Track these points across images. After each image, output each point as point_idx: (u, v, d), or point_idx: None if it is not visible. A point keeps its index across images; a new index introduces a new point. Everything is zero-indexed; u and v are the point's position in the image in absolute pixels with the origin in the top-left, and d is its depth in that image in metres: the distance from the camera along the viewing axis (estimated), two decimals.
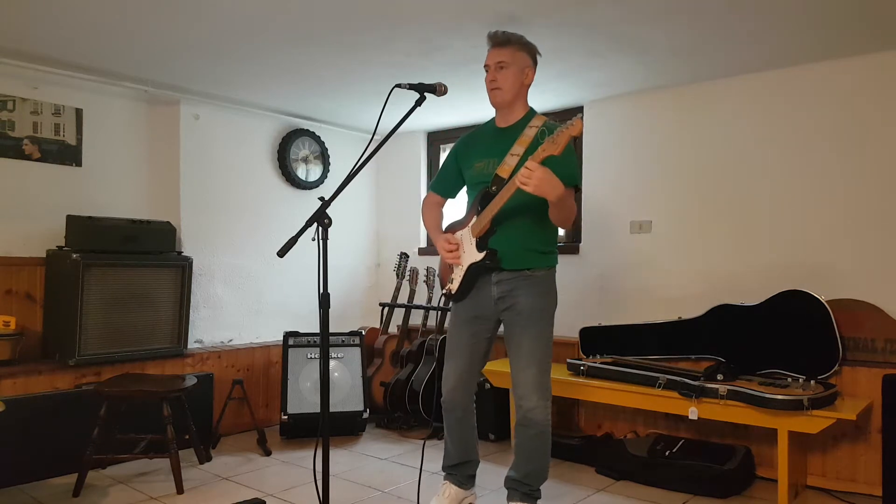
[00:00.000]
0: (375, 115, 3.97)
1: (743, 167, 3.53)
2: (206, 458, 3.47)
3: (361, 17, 2.77)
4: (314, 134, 4.69)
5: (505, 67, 2.51)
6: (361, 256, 5.14)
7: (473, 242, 2.56)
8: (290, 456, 3.60)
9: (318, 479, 2.16)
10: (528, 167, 2.22)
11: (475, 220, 2.54)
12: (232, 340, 4.25)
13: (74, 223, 3.48)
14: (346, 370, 4.05)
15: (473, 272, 2.57)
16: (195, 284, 3.95)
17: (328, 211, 2.11)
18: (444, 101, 3.70)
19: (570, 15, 2.74)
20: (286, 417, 3.84)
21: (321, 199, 2.14)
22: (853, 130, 3.22)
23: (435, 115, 4.45)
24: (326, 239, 2.11)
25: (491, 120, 2.70)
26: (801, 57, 3.24)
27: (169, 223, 3.77)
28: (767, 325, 3.24)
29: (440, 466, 2.83)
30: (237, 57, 3.30)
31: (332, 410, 3.45)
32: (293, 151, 4.57)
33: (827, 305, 3.09)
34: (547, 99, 3.97)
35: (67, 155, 3.68)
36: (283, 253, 2.06)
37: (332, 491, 2.33)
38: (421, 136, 5.02)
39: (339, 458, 3.56)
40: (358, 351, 4.11)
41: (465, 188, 2.77)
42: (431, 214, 2.83)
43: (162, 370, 3.66)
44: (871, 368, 3.02)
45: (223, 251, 4.22)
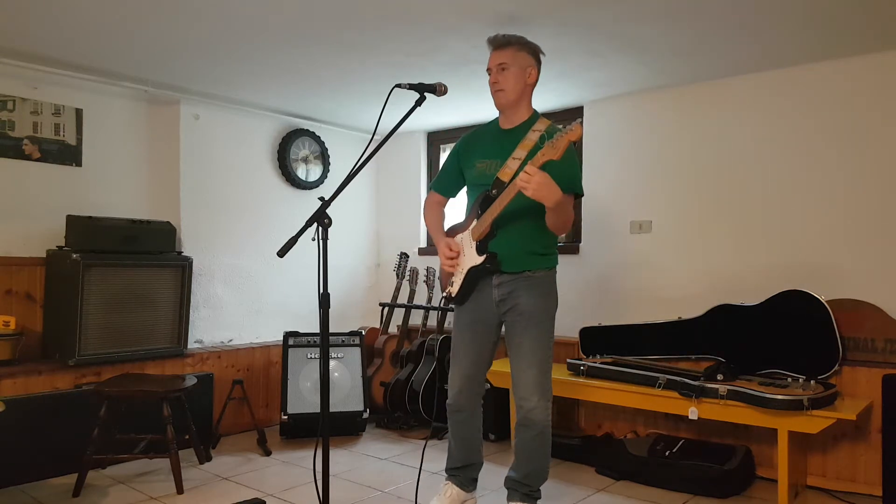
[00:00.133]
0: (375, 115, 3.98)
1: (743, 167, 3.53)
2: (206, 458, 3.47)
3: (361, 16, 2.77)
4: (314, 134, 4.69)
5: (506, 68, 2.51)
6: (361, 256, 5.14)
7: (473, 246, 2.56)
8: (290, 456, 3.60)
9: (318, 479, 2.16)
10: (527, 171, 2.23)
11: (475, 223, 2.54)
12: (232, 340, 4.25)
13: (74, 223, 3.48)
14: (346, 370, 4.05)
15: (473, 275, 2.58)
16: (195, 284, 3.95)
17: (328, 211, 2.11)
18: (444, 101, 3.71)
19: (570, 15, 2.74)
20: (286, 417, 3.84)
21: (321, 199, 2.14)
22: (853, 130, 3.22)
23: (435, 115, 4.45)
24: (326, 239, 2.11)
25: (494, 120, 2.70)
26: (801, 57, 3.24)
27: (169, 223, 3.77)
28: (767, 325, 3.24)
29: (441, 467, 2.83)
30: (237, 57, 3.30)
31: (332, 410, 3.45)
32: (293, 151, 4.57)
33: (827, 305, 3.09)
34: (547, 99, 3.97)
35: (67, 155, 3.67)
36: (283, 253, 2.06)
37: (332, 491, 2.33)
38: (421, 136, 5.02)
39: (339, 458, 3.56)
40: (358, 351, 4.11)
41: (465, 188, 2.77)
42: (433, 215, 2.83)
43: (162, 370, 3.66)
44: (871, 368, 3.02)
45: (223, 251, 4.22)
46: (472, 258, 2.56)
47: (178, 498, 2.97)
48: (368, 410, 4.03)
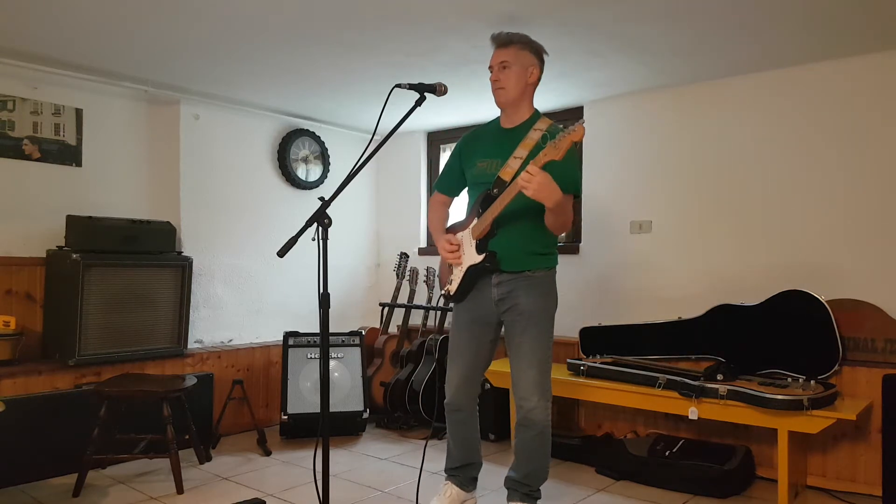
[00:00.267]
0: (375, 115, 3.98)
1: (743, 167, 3.53)
2: (206, 458, 3.47)
3: (361, 16, 2.77)
4: (314, 134, 4.69)
5: (508, 67, 2.51)
6: (361, 256, 5.13)
7: (473, 244, 2.56)
8: (290, 456, 3.60)
9: (318, 479, 2.16)
10: (529, 171, 2.23)
11: (476, 222, 2.54)
12: (232, 340, 4.25)
13: (74, 223, 3.48)
14: (346, 370, 4.05)
15: (472, 274, 2.58)
16: (195, 284, 3.95)
17: (328, 211, 2.11)
18: (444, 101, 3.71)
19: (570, 15, 2.74)
20: (286, 417, 3.83)
21: (321, 199, 2.14)
22: (853, 130, 3.22)
23: (435, 115, 4.45)
24: (326, 239, 2.11)
25: (496, 119, 2.70)
26: (801, 57, 3.24)
27: (169, 223, 3.77)
28: (767, 325, 3.24)
29: (441, 467, 2.84)
30: (237, 57, 3.30)
31: (332, 410, 3.45)
32: (293, 151, 4.57)
33: (827, 305, 3.09)
34: (547, 99, 3.97)
35: (67, 155, 3.67)
36: (283, 253, 2.06)
37: (332, 491, 2.33)
38: (421, 136, 5.02)
39: (339, 458, 3.56)
40: (358, 351, 4.11)
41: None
42: (437, 214, 2.82)
43: (162, 370, 3.66)
44: (871, 368, 3.02)
45: (223, 251, 4.22)
46: (471, 256, 2.56)
47: (178, 498, 2.97)
48: (368, 410, 4.03)
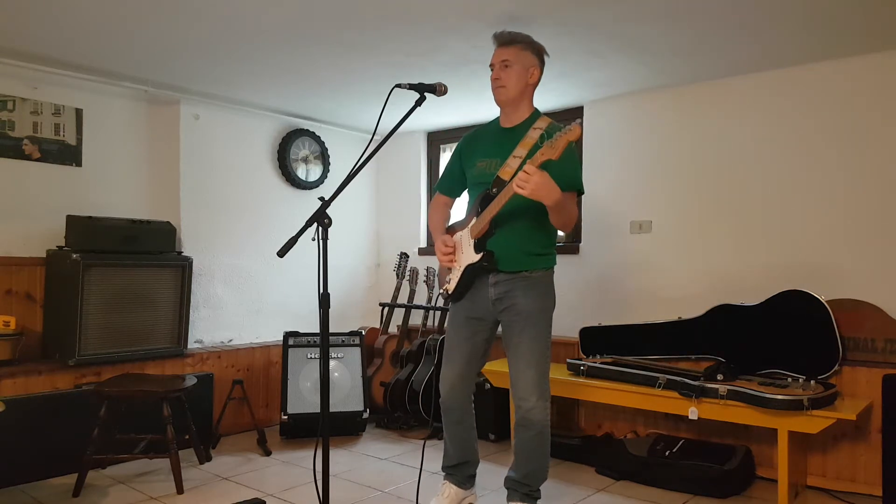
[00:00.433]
0: (375, 115, 3.98)
1: (743, 167, 3.53)
2: (206, 458, 3.47)
3: (361, 16, 2.77)
4: (314, 134, 4.69)
5: (509, 66, 2.51)
6: (361, 256, 5.14)
7: (471, 243, 2.56)
8: (290, 456, 3.60)
9: (318, 479, 2.16)
10: (526, 171, 2.23)
11: (475, 221, 2.55)
12: (232, 340, 4.25)
13: (74, 223, 3.48)
14: (346, 370, 4.05)
15: (470, 273, 2.58)
16: (195, 284, 3.95)
17: (328, 211, 2.11)
18: (444, 101, 3.71)
19: (570, 15, 2.74)
20: (286, 417, 3.83)
21: (321, 199, 2.14)
22: (853, 130, 3.22)
23: (435, 115, 4.45)
24: (326, 239, 2.11)
25: (495, 119, 2.70)
26: (801, 57, 3.24)
27: (169, 223, 3.77)
28: (767, 325, 3.24)
29: (440, 466, 2.84)
30: (237, 57, 3.30)
31: (332, 410, 3.45)
32: (293, 151, 4.57)
33: (827, 305, 3.09)
34: (547, 99, 3.97)
35: (67, 155, 3.67)
36: (283, 253, 2.06)
37: (332, 491, 2.33)
38: (421, 136, 5.02)
39: (339, 458, 3.56)
40: (358, 351, 4.11)
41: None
42: (438, 215, 2.82)
43: (162, 370, 3.66)
44: (871, 368, 3.02)
45: (223, 251, 4.22)
46: (469, 256, 2.56)
47: (178, 498, 2.97)
48: (368, 410, 4.03)
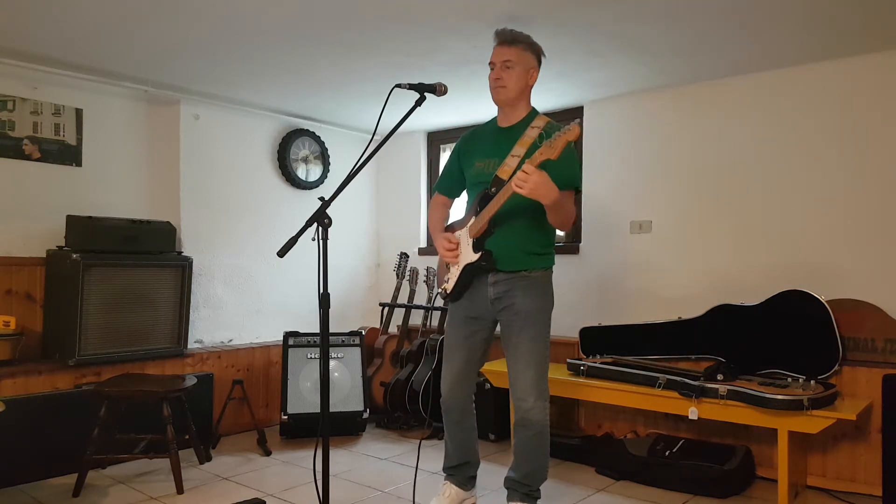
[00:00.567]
0: (375, 115, 3.98)
1: (743, 167, 3.53)
2: (206, 458, 3.47)
3: (361, 16, 2.77)
4: (314, 134, 4.69)
5: (511, 67, 2.50)
6: (361, 256, 5.13)
7: (470, 243, 2.55)
8: (290, 456, 3.60)
9: (318, 479, 2.16)
10: (524, 171, 2.23)
11: (473, 220, 2.54)
12: (232, 340, 4.25)
13: (74, 223, 3.48)
14: (346, 370, 4.05)
15: (468, 272, 2.58)
16: (195, 284, 3.95)
17: (328, 211, 2.11)
18: (444, 101, 3.71)
19: (570, 15, 2.74)
20: (286, 417, 3.84)
21: (321, 199, 2.14)
22: (853, 130, 3.22)
23: (435, 115, 4.45)
24: (326, 239, 2.11)
25: (493, 119, 2.70)
26: (801, 57, 3.24)
27: (169, 223, 3.77)
28: (767, 325, 3.24)
29: (440, 467, 2.84)
30: (237, 57, 3.30)
31: (332, 410, 3.45)
32: (293, 151, 4.57)
33: (827, 305, 3.09)
34: (547, 99, 3.97)
35: (67, 155, 3.67)
36: (283, 253, 2.06)
37: (332, 491, 2.33)
38: (421, 136, 5.02)
39: (339, 458, 3.56)
40: (358, 351, 4.11)
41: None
42: (437, 215, 2.82)
43: (162, 370, 3.66)
44: (871, 368, 3.02)
45: (223, 251, 4.22)
46: (468, 255, 2.56)
47: (178, 498, 2.97)
48: (368, 410, 4.03)
